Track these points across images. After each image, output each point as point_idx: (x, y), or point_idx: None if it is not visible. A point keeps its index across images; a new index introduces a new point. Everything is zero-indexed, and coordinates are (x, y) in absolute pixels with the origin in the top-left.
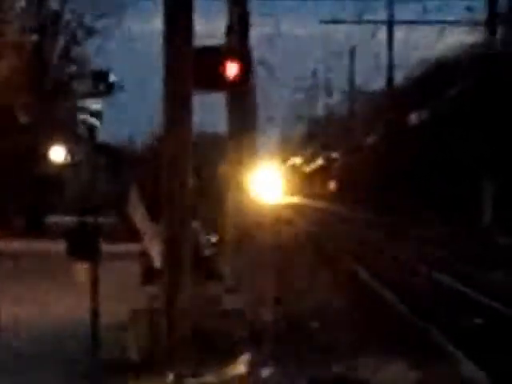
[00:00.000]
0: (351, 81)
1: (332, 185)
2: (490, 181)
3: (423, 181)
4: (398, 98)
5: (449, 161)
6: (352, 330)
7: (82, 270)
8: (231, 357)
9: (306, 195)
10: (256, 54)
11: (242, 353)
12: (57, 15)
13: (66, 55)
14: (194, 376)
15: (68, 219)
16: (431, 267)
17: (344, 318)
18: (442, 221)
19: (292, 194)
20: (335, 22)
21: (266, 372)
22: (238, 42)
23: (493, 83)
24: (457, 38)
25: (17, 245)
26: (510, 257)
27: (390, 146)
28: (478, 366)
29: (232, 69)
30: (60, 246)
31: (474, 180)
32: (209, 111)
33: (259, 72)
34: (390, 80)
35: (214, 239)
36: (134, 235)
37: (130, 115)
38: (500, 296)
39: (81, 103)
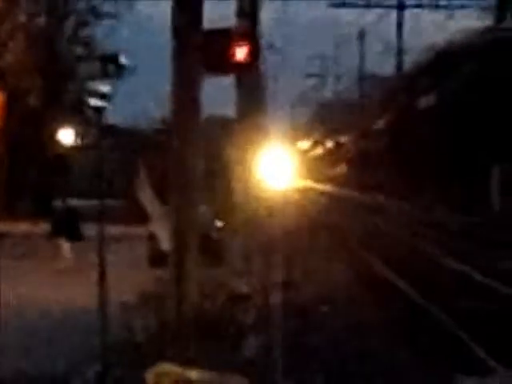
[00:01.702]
0: (361, 65)
1: (341, 169)
2: (499, 166)
3: (430, 165)
4: (407, 82)
5: (458, 146)
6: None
7: (64, 248)
8: (237, 341)
9: (314, 179)
10: (265, 38)
11: (248, 337)
12: None
13: (74, 38)
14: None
15: (76, 202)
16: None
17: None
18: (450, 206)
19: (301, 178)
20: (345, 5)
21: None
22: (247, 25)
23: (502, 68)
24: (466, 23)
25: (24, 227)
26: None
27: (399, 130)
28: None
29: (241, 52)
30: None
31: (483, 165)
32: (218, 94)
33: (268, 56)
34: (399, 64)
35: (222, 223)
36: (142, 218)
37: (139, 98)
38: None
39: (89, 86)
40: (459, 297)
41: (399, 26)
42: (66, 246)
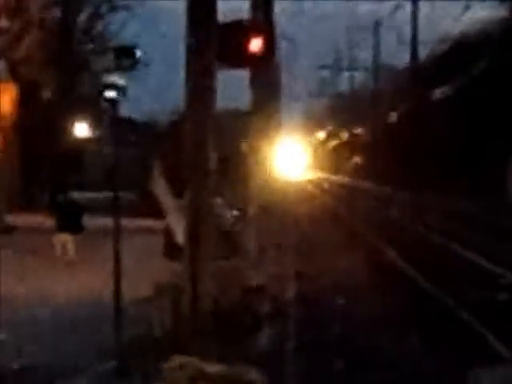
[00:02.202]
0: (375, 56)
1: (356, 160)
2: None
3: (447, 156)
4: (422, 73)
5: (473, 136)
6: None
7: (64, 241)
8: (253, 332)
9: (329, 170)
10: (280, 30)
11: (263, 328)
12: None
13: (89, 31)
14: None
15: (91, 194)
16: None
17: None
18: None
19: (316, 169)
20: None
21: None
22: (262, 17)
23: None
24: (481, 14)
25: (39, 219)
26: None
27: (414, 121)
28: None
29: (256, 44)
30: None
31: (499, 155)
32: (231, 86)
33: (283, 48)
34: (414, 55)
35: (237, 214)
36: (156, 210)
37: (153, 91)
38: None
39: (104, 78)
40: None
41: (414, 17)
42: (69, 239)
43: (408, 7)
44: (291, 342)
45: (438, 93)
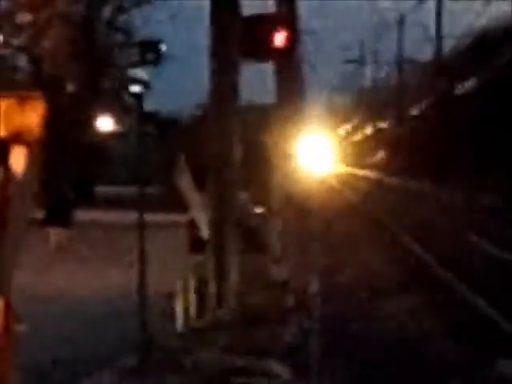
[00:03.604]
0: (400, 50)
1: (381, 154)
2: None
3: (472, 150)
4: (446, 67)
5: (497, 130)
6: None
7: (56, 234)
8: (278, 327)
9: (354, 165)
10: (304, 24)
11: (288, 323)
12: None
13: (112, 25)
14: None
15: (115, 189)
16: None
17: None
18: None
19: (340, 164)
20: None
21: None
22: (286, 10)
23: None
24: (504, 8)
25: None
26: None
27: (438, 115)
28: None
29: (280, 38)
30: (108, 215)
31: None
32: (257, 81)
33: (306, 42)
34: (438, 50)
35: (261, 210)
36: (181, 205)
37: (178, 85)
38: None
39: (129, 72)
40: None
41: (438, 12)
42: (62, 233)
43: (431, 2)
44: (316, 336)
45: (462, 87)
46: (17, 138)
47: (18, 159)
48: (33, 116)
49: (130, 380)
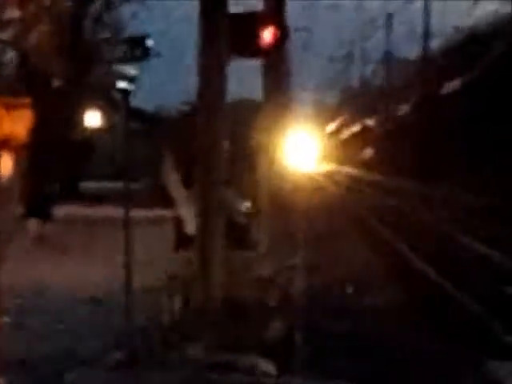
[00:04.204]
0: (387, 48)
1: (368, 152)
2: None
3: (457, 149)
4: (433, 66)
5: (483, 129)
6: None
7: (34, 226)
8: (263, 324)
9: (340, 162)
10: (292, 21)
11: (272, 320)
12: None
13: (100, 21)
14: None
15: (101, 184)
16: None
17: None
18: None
19: (327, 161)
20: None
21: None
22: (274, 8)
23: None
24: (491, 8)
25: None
26: None
27: (425, 114)
28: None
29: (268, 35)
30: (94, 211)
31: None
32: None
33: (294, 39)
34: (425, 49)
35: (248, 206)
36: (167, 201)
37: (165, 81)
38: None
39: (115, 68)
40: None
41: (425, 10)
42: (35, 225)
43: (419, 2)
44: (301, 332)
45: (449, 85)
46: (5, 144)
47: (6, 164)
48: (21, 124)
49: (115, 376)
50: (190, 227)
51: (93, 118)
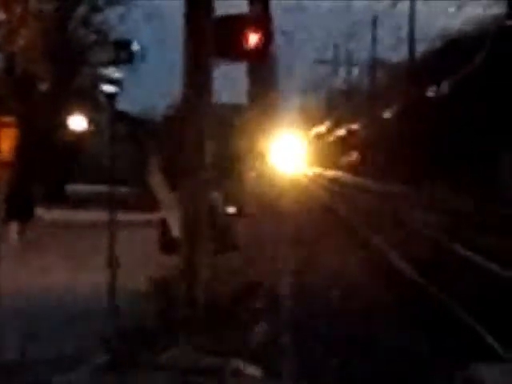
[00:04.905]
0: (373, 51)
1: (353, 156)
2: (508, 153)
3: (442, 153)
4: (418, 69)
5: (467, 134)
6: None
7: (14, 229)
8: (248, 327)
9: (326, 166)
10: (277, 25)
11: (258, 323)
12: None
13: (86, 24)
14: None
15: (87, 188)
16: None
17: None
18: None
19: (312, 165)
20: None
21: None
22: (260, 11)
23: (508, 57)
24: (478, 11)
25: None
26: None
27: (410, 117)
28: None
29: (254, 38)
30: (79, 214)
31: (493, 152)
32: (229, 82)
33: (280, 42)
34: (411, 52)
35: (232, 210)
36: (153, 204)
37: (151, 85)
38: None
39: (101, 71)
40: None
41: (411, 13)
42: (14, 227)
43: (405, 4)
44: (287, 335)
45: (434, 89)
46: None
47: None
48: (7, 141)
49: (101, 378)
50: (175, 230)
51: (79, 121)
